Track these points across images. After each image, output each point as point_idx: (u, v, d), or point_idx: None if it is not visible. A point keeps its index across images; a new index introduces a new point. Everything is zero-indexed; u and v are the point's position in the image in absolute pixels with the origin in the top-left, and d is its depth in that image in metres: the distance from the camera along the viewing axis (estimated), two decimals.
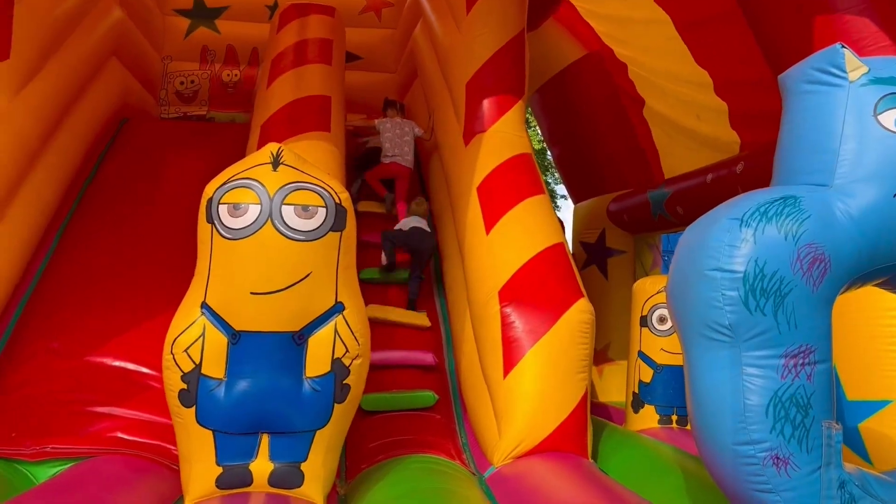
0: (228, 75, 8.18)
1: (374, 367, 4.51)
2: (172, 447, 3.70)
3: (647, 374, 5.26)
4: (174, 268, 4.98)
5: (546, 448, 3.93)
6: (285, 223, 3.06)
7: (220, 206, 3.07)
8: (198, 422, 3.03)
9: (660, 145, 7.30)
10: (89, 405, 4.17)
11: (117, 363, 4.48)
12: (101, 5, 6.47)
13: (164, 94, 7.93)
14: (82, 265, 5.28)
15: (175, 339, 3.06)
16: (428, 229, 5.64)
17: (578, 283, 4.37)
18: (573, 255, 7.89)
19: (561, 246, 4.60)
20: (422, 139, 6.56)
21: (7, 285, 4.76)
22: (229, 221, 3.05)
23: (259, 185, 3.08)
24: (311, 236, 3.09)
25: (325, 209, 3.13)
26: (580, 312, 4.17)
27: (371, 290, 5.37)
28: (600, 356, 7.41)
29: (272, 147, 3.22)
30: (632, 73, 7.32)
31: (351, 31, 7.74)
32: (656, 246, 8.08)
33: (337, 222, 3.16)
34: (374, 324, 5.00)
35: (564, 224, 8.04)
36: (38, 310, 4.88)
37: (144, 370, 4.44)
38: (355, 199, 6.01)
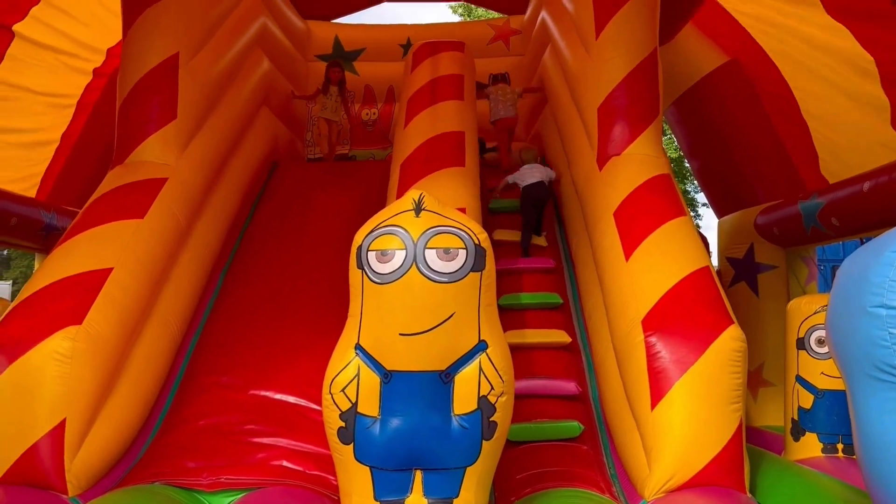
0: (367, 114, 8.59)
1: (517, 396, 4.54)
2: (332, 477, 3.92)
3: (806, 400, 4.97)
4: (328, 301, 5.32)
5: (700, 482, 3.80)
6: (429, 266, 3.19)
7: (368, 252, 3.25)
8: (356, 458, 3.20)
9: (820, 148, 6.87)
10: (256, 436, 4.51)
11: (279, 396, 4.81)
12: (251, 60, 7.03)
13: (309, 136, 8.45)
14: (245, 303, 5.72)
15: (332, 379, 3.26)
16: (544, 179, 6.24)
17: (727, 309, 4.20)
18: (719, 271, 7.65)
19: (707, 270, 4.45)
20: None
21: (182, 325, 5.25)
22: (378, 267, 3.22)
23: (403, 232, 3.23)
24: (454, 278, 3.20)
25: (465, 251, 3.23)
26: (731, 340, 4.00)
27: (508, 316, 5.43)
28: (754, 377, 7.06)
29: (414, 194, 3.37)
30: (784, 73, 6.92)
31: (481, 61, 7.91)
32: (811, 258, 7.62)
33: (477, 263, 3.26)
34: (513, 349, 5.07)
35: (708, 240, 7.77)
36: (207, 346, 5.34)
37: (303, 402, 4.74)
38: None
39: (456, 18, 19.83)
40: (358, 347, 3.26)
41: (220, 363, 5.15)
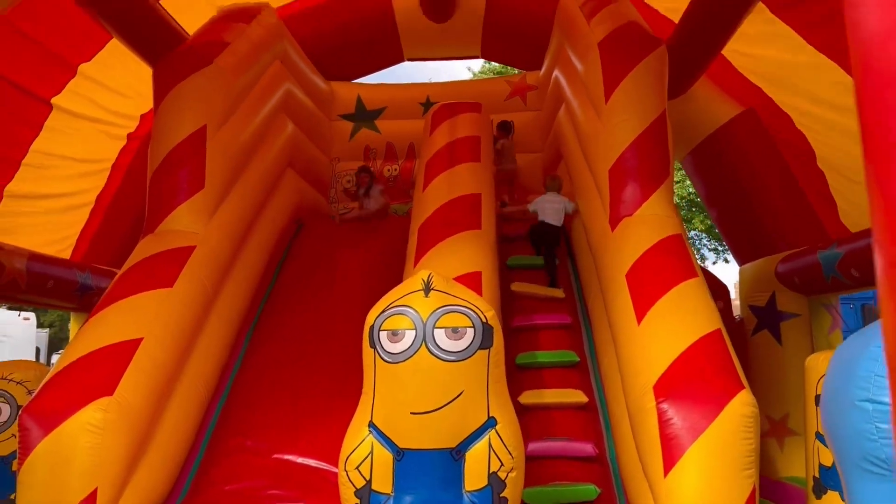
0: (389, 170, 8.83)
1: (534, 458, 4.64)
2: None
3: (827, 458, 4.92)
4: (351, 359, 5.41)
5: None
6: (438, 345, 3.33)
7: (380, 332, 3.40)
8: None
9: (839, 197, 6.91)
10: (279, 501, 4.63)
11: (301, 459, 4.95)
12: (276, 125, 7.30)
13: (333, 192, 8.69)
14: (270, 362, 5.89)
15: (347, 457, 3.39)
16: (559, 220, 6.56)
17: (739, 374, 4.25)
18: (742, 319, 7.64)
19: (718, 333, 4.50)
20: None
21: (209, 388, 5.42)
22: (389, 346, 3.37)
23: (413, 312, 3.38)
24: (462, 356, 3.33)
25: (472, 329, 3.37)
26: (742, 405, 4.05)
27: (525, 376, 5.53)
28: (779, 427, 7.02)
29: (423, 274, 3.52)
30: (799, 124, 7.02)
31: (498, 116, 8.13)
32: (834, 306, 7.56)
33: (485, 340, 3.39)
34: (530, 410, 5.16)
35: (727, 286, 7.77)
36: (234, 407, 5.50)
37: (324, 466, 4.85)
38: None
39: (476, 66, 20.33)
40: (371, 425, 3.39)
41: (246, 424, 5.30)
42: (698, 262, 5.59)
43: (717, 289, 6.74)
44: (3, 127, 6.75)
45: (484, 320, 3.40)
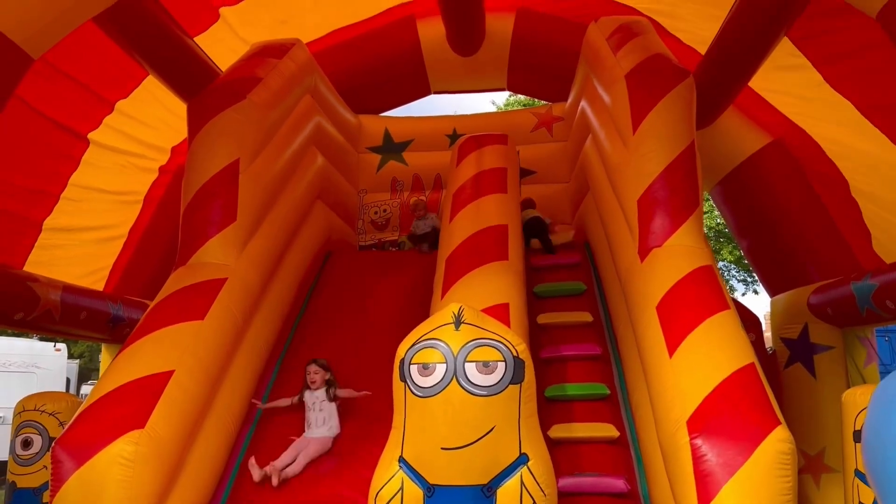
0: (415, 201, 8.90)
1: (564, 495, 4.57)
2: None
3: (867, 496, 4.80)
4: (380, 391, 5.41)
5: None
6: (468, 380, 3.31)
7: (411, 366, 3.39)
8: None
9: (872, 226, 6.83)
10: None
11: (331, 493, 4.91)
12: (307, 158, 7.40)
13: (360, 224, 8.77)
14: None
15: (377, 492, 3.37)
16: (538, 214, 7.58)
17: (774, 409, 4.16)
18: (774, 351, 7.51)
19: (752, 367, 4.42)
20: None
21: (238, 420, 5.43)
22: (419, 381, 3.36)
23: (444, 345, 3.38)
24: (493, 391, 3.31)
25: (504, 363, 3.35)
26: (778, 442, 3.95)
27: (554, 409, 5.47)
28: (815, 463, 6.86)
29: (454, 307, 3.52)
30: (830, 153, 6.99)
31: (524, 148, 8.17)
32: (868, 339, 7.42)
33: (516, 375, 3.36)
34: (559, 444, 5.09)
35: (759, 318, 7.66)
36: (263, 440, 5.48)
37: (354, 500, 4.82)
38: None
39: (500, 100, 20.55)
40: (401, 460, 3.37)
41: (275, 456, 5.28)
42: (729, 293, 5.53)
43: (748, 321, 6.65)
44: (44, 163, 6.94)
45: (515, 354, 3.38)
